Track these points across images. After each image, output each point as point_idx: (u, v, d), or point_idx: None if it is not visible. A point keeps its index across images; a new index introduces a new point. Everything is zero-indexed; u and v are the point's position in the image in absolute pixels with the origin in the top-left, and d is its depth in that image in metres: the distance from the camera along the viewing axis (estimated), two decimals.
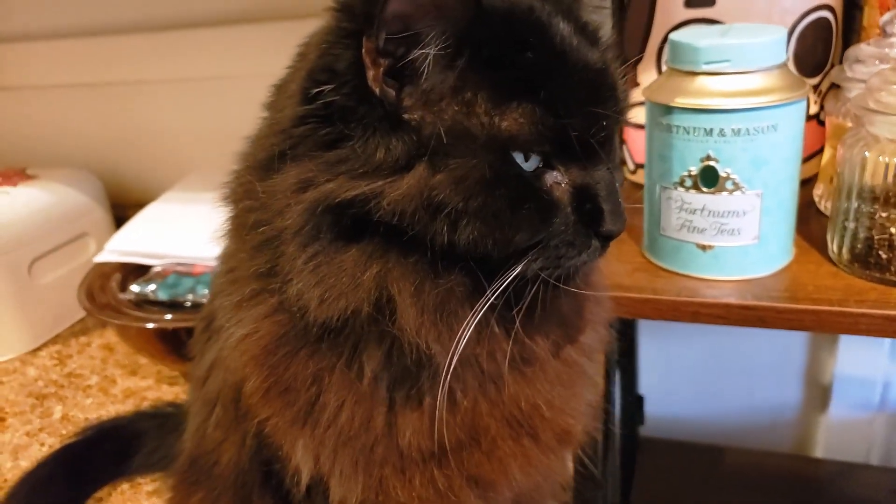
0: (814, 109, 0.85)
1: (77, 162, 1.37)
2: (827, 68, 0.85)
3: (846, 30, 0.85)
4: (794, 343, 1.20)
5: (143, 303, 1.05)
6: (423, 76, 0.44)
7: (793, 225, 0.72)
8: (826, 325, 0.66)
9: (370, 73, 0.44)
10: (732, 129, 0.65)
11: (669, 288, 0.71)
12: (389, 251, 0.46)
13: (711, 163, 0.67)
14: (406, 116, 0.45)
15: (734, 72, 0.65)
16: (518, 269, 0.47)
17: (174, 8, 1.26)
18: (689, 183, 0.68)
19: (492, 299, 0.47)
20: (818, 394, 1.21)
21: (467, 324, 0.47)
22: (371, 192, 0.44)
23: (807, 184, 0.85)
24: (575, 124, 0.46)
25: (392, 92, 0.45)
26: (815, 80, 0.84)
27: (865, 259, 0.68)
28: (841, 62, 0.77)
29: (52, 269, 1.19)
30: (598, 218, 0.48)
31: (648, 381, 1.25)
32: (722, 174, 0.67)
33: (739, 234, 0.69)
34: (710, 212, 0.68)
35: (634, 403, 1.20)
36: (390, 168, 0.44)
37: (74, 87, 1.33)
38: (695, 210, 0.69)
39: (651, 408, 1.25)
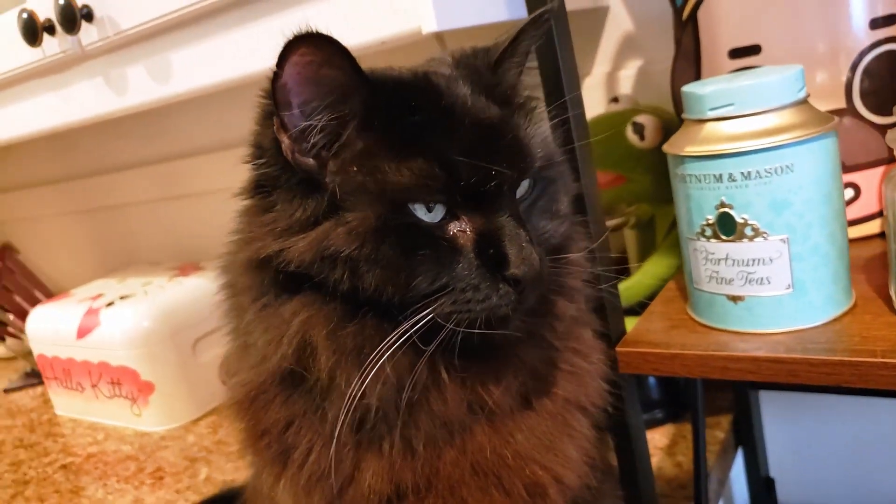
0: None
1: None
2: None
3: None
4: None
5: None
6: (330, 144, 0.51)
7: (842, 272, 0.65)
8: (869, 379, 0.59)
9: (283, 145, 0.51)
10: (742, 173, 0.62)
11: (699, 343, 0.67)
12: (316, 300, 0.52)
13: (726, 209, 0.64)
14: (326, 180, 0.51)
15: (740, 115, 0.62)
16: (428, 313, 0.50)
17: None
18: (708, 232, 0.66)
19: (398, 342, 0.50)
20: None
21: (371, 366, 0.50)
22: (284, 247, 0.50)
23: None
24: (464, 175, 0.49)
25: (309, 160, 0.51)
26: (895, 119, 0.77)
27: None
28: None
29: (212, 348, 1.36)
30: (502, 262, 0.50)
31: (780, 462, 1.13)
32: (739, 220, 0.63)
33: (770, 282, 0.64)
34: (733, 261, 0.65)
35: (763, 486, 1.09)
36: (303, 225, 0.51)
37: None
38: (719, 260, 0.66)
39: (787, 493, 1.13)
